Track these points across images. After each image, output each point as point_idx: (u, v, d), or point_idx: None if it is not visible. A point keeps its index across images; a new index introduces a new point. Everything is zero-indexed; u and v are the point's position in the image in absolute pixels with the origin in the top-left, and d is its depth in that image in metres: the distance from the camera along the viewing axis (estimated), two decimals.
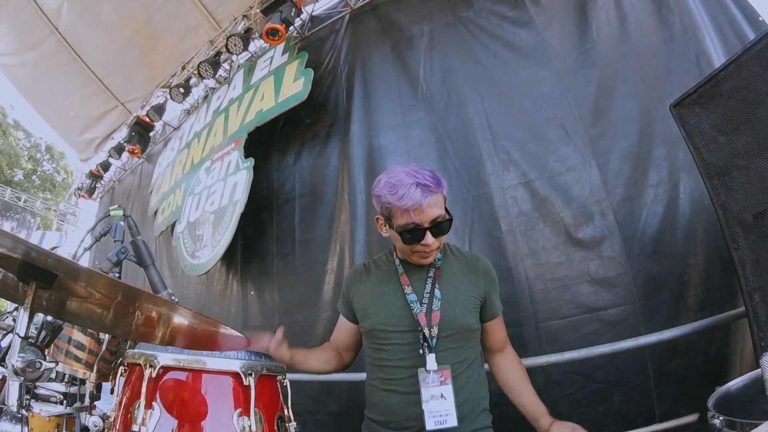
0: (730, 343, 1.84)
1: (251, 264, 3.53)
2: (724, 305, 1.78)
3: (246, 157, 3.49)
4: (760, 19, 2.30)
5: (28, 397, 1.30)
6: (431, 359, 1.19)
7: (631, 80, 2.25)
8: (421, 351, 1.21)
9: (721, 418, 0.98)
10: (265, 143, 3.69)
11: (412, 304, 1.27)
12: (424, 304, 1.26)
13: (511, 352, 1.38)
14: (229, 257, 3.57)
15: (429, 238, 1.22)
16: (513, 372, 1.34)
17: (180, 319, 1.01)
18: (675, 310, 1.90)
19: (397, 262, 1.36)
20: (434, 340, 1.22)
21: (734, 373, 1.78)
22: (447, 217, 1.23)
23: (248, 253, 3.57)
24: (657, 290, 1.95)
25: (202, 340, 1.08)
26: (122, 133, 5.70)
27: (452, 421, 1.15)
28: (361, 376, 2.11)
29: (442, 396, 1.17)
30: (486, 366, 1.37)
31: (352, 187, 2.92)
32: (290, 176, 3.42)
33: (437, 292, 1.27)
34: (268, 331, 1.27)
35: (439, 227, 1.22)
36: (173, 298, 1.37)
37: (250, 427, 0.99)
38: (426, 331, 1.22)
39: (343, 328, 1.45)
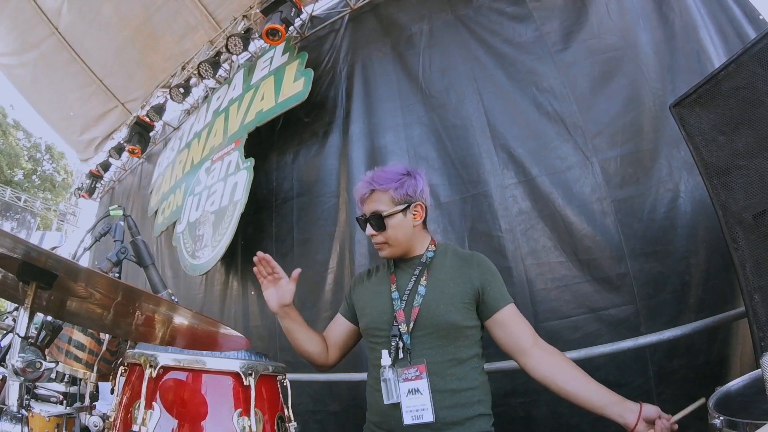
0: (730, 344, 1.83)
1: (251, 264, 3.51)
2: (726, 305, 1.77)
3: (246, 157, 3.49)
4: (761, 17, 2.29)
5: (28, 397, 1.30)
6: (385, 354, 1.21)
7: (633, 77, 2.22)
8: (396, 347, 1.23)
9: (721, 418, 0.98)
10: (264, 143, 3.68)
11: (394, 301, 1.30)
12: (404, 300, 1.28)
13: (544, 346, 1.24)
14: (229, 257, 3.58)
15: (368, 229, 1.35)
16: (554, 365, 1.20)
17: (180, 319, 1.01)
18: (676, 310, 1.89)
19: (391, 262, 1.41)
20: (407, 337, 1.23)
21: (735, 373, 1.76)
22: (383, 213, 1.32)
23: (248, 253, 3.49)
24: (658, 290, 1.94)
25: (202, 340, 1.08)
26: (122, 133, 5.69)
27: (428, 416, 1.15)
28: (362, 375, 2.12)
29: (417, 390, 1.17)
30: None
31: (352, 187, 2.91)
32: (288, 175, 3.41)
33: (420, 288, 1.28)
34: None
35: (374, 220, 1.33)
36: (173, 298, 1.37)
37: (250, 427, 0.99)
38: (402, 327, 1.24)
39: (337, 323, 1.49)
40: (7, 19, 4.79)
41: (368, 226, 1.36)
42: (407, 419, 1.16)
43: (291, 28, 3.58)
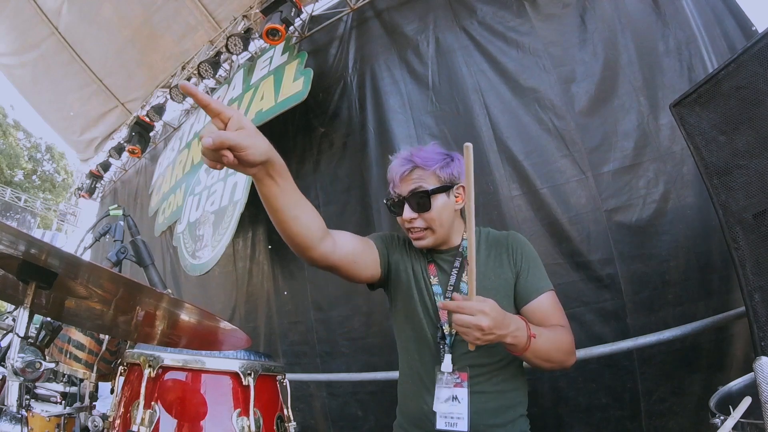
0: (702, 334, 1.98)
1: (282, 267, 3.61)
2: (699, 301, 2.03)
3: None
4: (753, 29, 2.32)
5: (28, 397, 1.30)
6: (447, 360, 1.12)
7: (626, 96, 2.32)
8: (441, 348, 1.15)
9: (722, 417, 0.98)
10: (282, 149, 3.67)
11: (436, 297, 1.21)
12: (447, 297, 1.19)
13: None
14: (256, 260, 3.74)
15: (407, 211, 1.17)
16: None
17: (180, 316, 1.01)
18: (657, 304, 2.10)
19: (426, 250, 1.28)
20: (450, 338, 1.15)
21: (703, 357, 2.01)
22: (429, 189, 1.16)
23: (278, 257, 3.65)
24: (642, 287, 2.13)
25: (203, 338, 1.08)
26: (122, 133, 5.69)
27: (462, 426, 1.07)
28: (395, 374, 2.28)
29: (455, 398, 1.11)
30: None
31: (374, 196, 3.01)
32: (312, 185, 3.48)
33: (463, 285, 1.18)
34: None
35: (416, 200, 1.16)
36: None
37: (249, 427, 0.99)
38: (446, 327, 1.16)
39: (366, 244, 1.21)
40: (7, 19, 4.79)
41: (406, 207, 1.17)
42: (440, 424, 1.09)
43: (291, 28, 3.58)
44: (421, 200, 1.17)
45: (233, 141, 0.72)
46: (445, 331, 1.16)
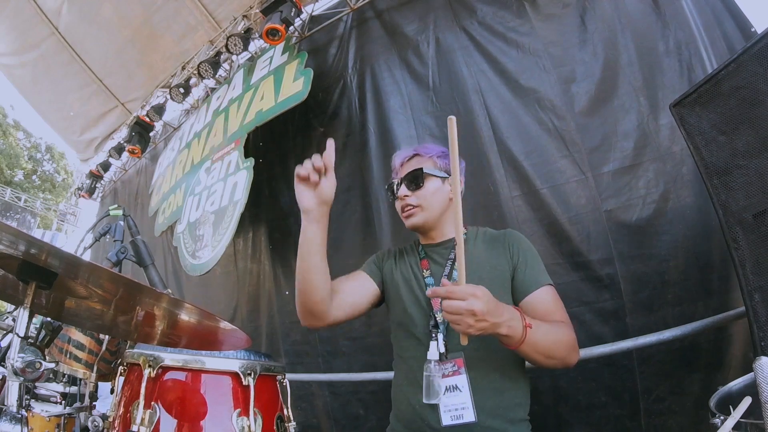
0: (701, 334, 1.99)
1: (282, 266, 3.62)
2: (699, 301, 2.04)
3: (247, 157, 3.49)
4: (752, 30, 2.32)
5: (28, 397, 1.30)
6: (433, 346, 1.09)
7: (626, 96, 2.32)
8: (432, 337, 1.13)
9: (722, 417, 0.98)
10: (281, 149, 3.74)
11: (429, 288, 1.21)
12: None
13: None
14: (257, 261, 3.77)
15: (402, 189, 1.27)
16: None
17: (180, 316, 1.01)
18: (657, 304, 2.11)
19: (420, 248, 1.33)
20: (443, 327, 1.13)
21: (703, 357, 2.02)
22: (424, 169, 1.26)
23: (279, 257, 3.66)
24: (642, 287, 2.14)
25: (203, 337, 1.08)
26: (122, 133, 5.69)
27: (469, 416, 1.04)
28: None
29: (455, 387, 1.06)
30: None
31: (374, 196, 3.01)
32: None
33: (455, 273, 1.18)
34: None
35: (411, 178, 1.26)
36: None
37: (249, 426, 0.99)
38: (438, 316, 1.14)
39: (358, 280, 1.29)
40: (7, 19, 4.79)
41: (402, 186, 1.27)
42: (446, 420, 1.05)
43: (291, 28, 3.58)
44: (415, 178, 1.27)
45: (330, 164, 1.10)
46: (438, 319, 1.15)
